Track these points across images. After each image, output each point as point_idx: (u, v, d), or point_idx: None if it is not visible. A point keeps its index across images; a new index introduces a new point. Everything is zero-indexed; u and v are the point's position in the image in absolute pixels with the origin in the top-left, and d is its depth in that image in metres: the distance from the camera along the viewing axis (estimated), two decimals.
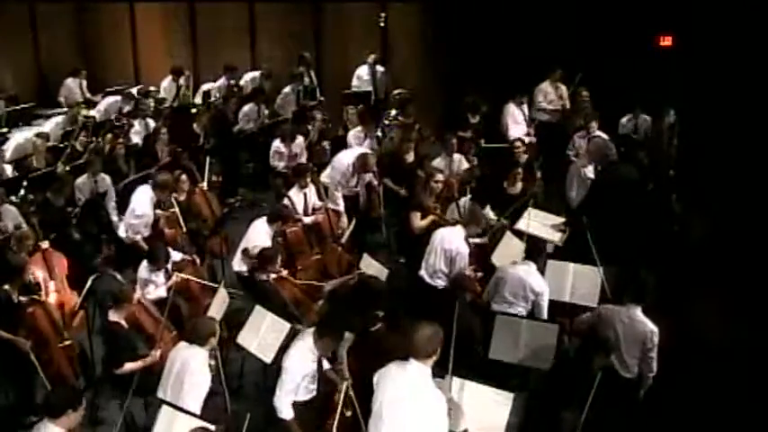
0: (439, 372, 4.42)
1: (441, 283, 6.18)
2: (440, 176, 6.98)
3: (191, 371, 4.91)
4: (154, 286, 6.24)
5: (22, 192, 7.84)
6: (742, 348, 6.17)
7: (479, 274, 6.60)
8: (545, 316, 5.71)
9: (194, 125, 9.72)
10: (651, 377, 5.19)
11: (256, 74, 12.37)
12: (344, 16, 13.50)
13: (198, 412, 4.67)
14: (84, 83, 12.73)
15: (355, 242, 7.87)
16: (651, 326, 5.11)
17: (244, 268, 6.74)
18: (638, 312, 5.15)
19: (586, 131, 8.81)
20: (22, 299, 5.68)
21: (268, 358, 5.39)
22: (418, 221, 6.74)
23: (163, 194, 7.00)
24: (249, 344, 5.52)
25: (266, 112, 10.64)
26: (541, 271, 6.08)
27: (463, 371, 4.56)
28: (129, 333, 5.55)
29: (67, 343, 5.70)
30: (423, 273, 6.21)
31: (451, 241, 6.10)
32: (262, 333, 5.47)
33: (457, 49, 12.16)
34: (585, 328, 5.43)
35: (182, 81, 11.87)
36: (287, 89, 11.47)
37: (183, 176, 7.76)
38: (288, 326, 5.41)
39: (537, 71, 10.84)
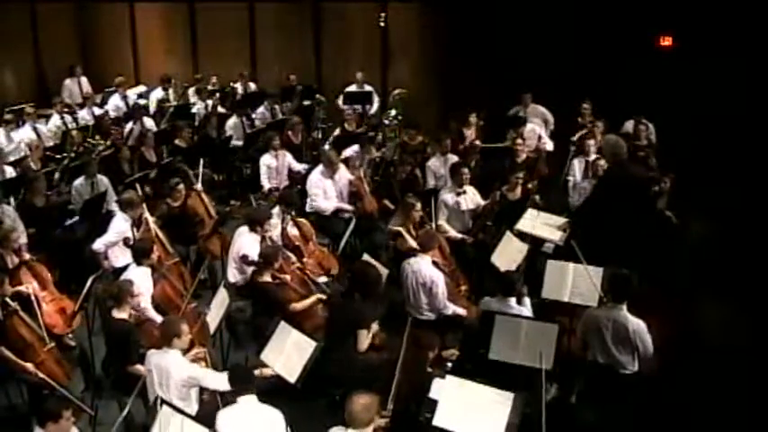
0: (438, 372, 4.43)
1: (430, 315, 6.17)
2: (419, 206, 7.05)
3: (173, 375, 4.91)
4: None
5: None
6: (742, 348, 6.18)
7: (464, 287, 6.60)
8: None
9: (176, 141, 9.72)
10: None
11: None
12: (344, 16, 13.50)
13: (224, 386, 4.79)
14: (83, 79, 12.72)
15: (354, 243, 7.90)
16: (635, 322, 5.15)
17: (239, 278, 6.74)
18: (620, 312, 5.19)
19: (584, 154, 8.67)
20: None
21: (293, 378, 5.09)
22: (409, 243, 6.86)
23: (133, 212, 6.93)
24: (273, 362, 5.24)
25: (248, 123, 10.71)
26: (540, 273, 6.12)
27: (463, 371, 4.58)
28: (135, 330, 5.56)
29: (51, 346, 5.63)
30: (410, 310, 6.20)
31: (422, 273, 6.10)
32: (286, 351, 5.24)
33: (457, 49, 12.17)
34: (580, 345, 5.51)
35: (170, 91, 11.90)
36: None
37: (180, 185, 7.69)
38: (314, 344, 5.20)
39: (537, 71, 10.85)
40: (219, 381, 4.95)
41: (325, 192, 8.13)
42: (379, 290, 5.77)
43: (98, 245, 6.84)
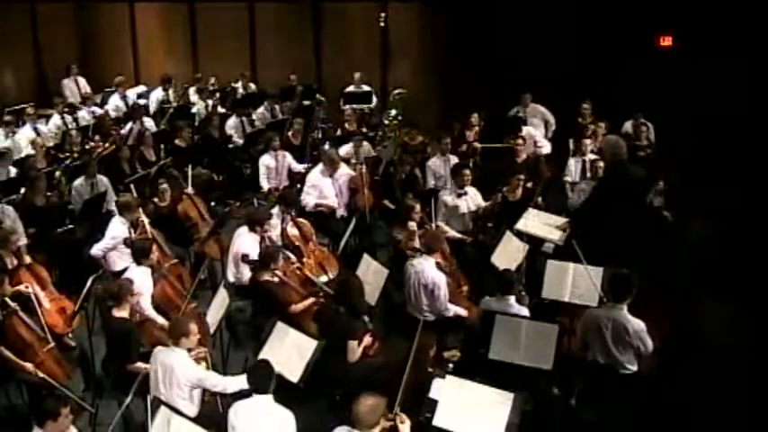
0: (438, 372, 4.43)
1: (431, 316, 6.17)
2: (418, 207, 7.04)
3: (177, 374, 4.90)
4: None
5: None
6: (742, 348, 6.18)
7: (465, 287, 6.60)
8: None
9: (176, 140, 9.71)
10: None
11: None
12: (344, 16, 13.51)
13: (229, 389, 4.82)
14: (81, 79, 12.72)
15: (354, 242, 7.90)
16: (635, 322, 5.15)
17: (239, 278, 6.72)
18: (620, 312, 5.20)
19: (581, 153, 8.67)
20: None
21: (295, 377, 5.07)
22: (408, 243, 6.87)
23: (130, 215, 6.91)
24: (273, 363, 5.02)
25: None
26: (540, 273, 6.12)
27: (463, 371, 4.58)
28: (135, 328, 5.56)
29: (51, 346, 5.65)
30: (411, 310, 6.22)
31: (425, 274, 6.09)
32: (286, 351, 5.20)
33: (457, 49, 12.17)
34: (580, 345, 5.51)
35: (170, 91, 11.92)
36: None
37: (164, 185, 7.74)
38: (315, 344, 5.19)
39: (537, 71, 10.85)
40: (225, 383, 4.96)
41: (322, 190, 8.14)
42: (362, 301, 5.76)
43: (95, 251, 6.84)
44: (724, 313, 6.74)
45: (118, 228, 6.87)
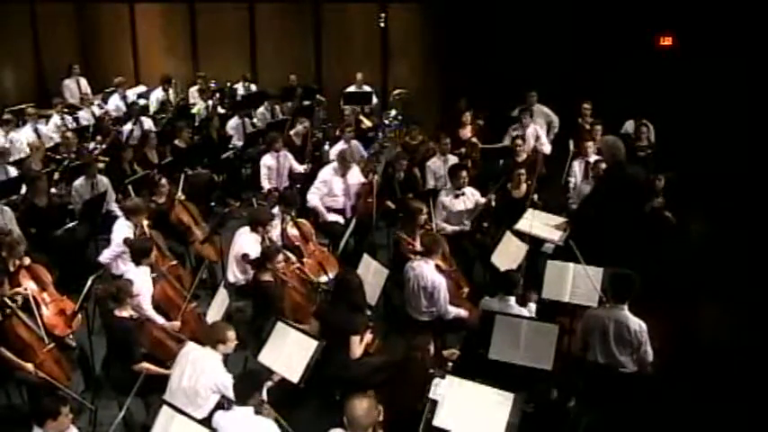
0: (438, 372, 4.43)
1: (429, 318, 6.19)
2: (425, 209, 7.06)
3: (207, 375, 4.91)
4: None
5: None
6: (742, 348, 6.18)
7: (466, 290, 6.60)
8: None
9: (176, 141, 9.69)
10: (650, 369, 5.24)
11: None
12: (344, 16, 13.51)
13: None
14: (82, 80, 12.72)
15: (355, 243, 7.89)
16: (636, 323, 5.15)
17: (239, 278, 6.73)
18: (621, 312, 5.20)
19: (583, 155, 8.64)
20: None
21: (295, 378, 5.02)
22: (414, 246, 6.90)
23: (136, 218, 6.89)
24: (272, 363, 5.15)
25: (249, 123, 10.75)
26: (540, 273, 6.12)
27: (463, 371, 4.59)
28: (137, 328, 5.56)
29: (50, 346, 5.64)
30: (410, 311, 6.24)
31: (424, 277, 6.09)
32: (287, 351, 5.18)
33: (456, 49, 12.18)
34: (580, 345, 5.51)
35: (170, 92, 11.91)
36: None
37: (163, 180, 7.76)
38: (315, 343, 5.12)
39: (537, 71, 10.86)
40: None
41: (332, 188, 8.15)
42: (362, 298, 5.76)
43: (104, 258, 6.84)
44: (724, 313, 6.74)
45: (124, 232, 6.86)
